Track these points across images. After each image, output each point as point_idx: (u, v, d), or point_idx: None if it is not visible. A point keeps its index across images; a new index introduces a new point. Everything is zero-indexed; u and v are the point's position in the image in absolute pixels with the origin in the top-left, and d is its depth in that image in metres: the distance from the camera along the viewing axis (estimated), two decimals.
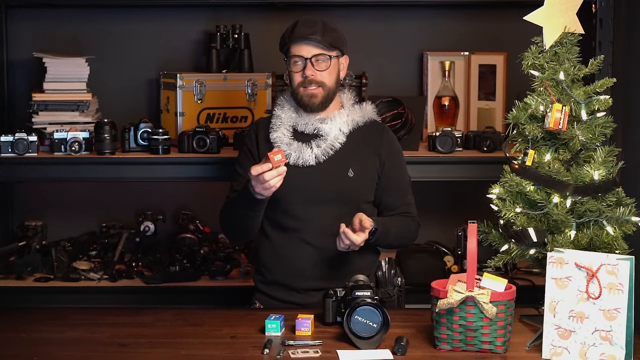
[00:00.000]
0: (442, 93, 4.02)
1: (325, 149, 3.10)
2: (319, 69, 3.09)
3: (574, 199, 2.67)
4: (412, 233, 3.20)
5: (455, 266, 3.92)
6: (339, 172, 3.10)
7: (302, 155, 3.09)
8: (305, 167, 3.09)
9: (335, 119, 3.13)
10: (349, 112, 3.16)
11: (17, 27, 4.15)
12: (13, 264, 3.92)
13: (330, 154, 3.10)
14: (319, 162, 3.09)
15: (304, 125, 3.14)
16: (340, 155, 3.10)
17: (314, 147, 3.10)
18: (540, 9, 2.74)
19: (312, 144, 3.11)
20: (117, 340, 2.68)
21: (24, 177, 3.82)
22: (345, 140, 3.12)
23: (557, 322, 2.52)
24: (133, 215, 4.20)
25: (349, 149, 3.12)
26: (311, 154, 3.09)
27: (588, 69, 2.75)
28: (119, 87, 4.17)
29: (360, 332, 2.58)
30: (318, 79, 3.09)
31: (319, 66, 3.09)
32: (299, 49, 3.09)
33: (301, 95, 3.11)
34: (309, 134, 3.13)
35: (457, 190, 4.14)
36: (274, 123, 3.17)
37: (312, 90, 3.09)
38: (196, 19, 4.18)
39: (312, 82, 3.09)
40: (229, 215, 3.15)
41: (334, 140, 3.11)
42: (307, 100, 3.11)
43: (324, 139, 3.11)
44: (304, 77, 3.09)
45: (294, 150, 3.10)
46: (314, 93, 3.10)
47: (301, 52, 3.09)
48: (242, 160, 3.20)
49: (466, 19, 4.15)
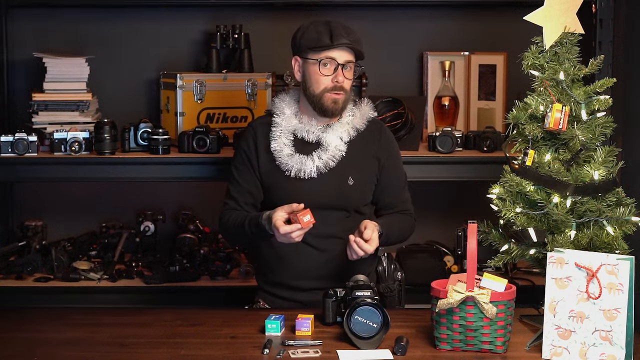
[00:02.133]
0: (442, 93, 4.02)
1: (326, 161, 3.09)
2: (347, 77, 3.08)
3: (574, 199, 2.67)
4: (410, 230, 3.23)
5: (455, 266, 3.92)
6: (339, 181, 3.11)
7: (303, 168, 3.08)
8: (307, 179, 3.09)
9: (336, 128, 3.12)
10: (349, 119, 3.14)
11: (17, 27, 4.15)
12: (13, 264, 3.92)
13: (332, 166, 3.09)
14: (320, 173, 3.09)
15: (305, 132, 3.12)
16: (341, 164, 3.10)
17: (316, 159, 3.09)
18: (540, 9, 2.74)
19: (314, 155, 3.09)
20: (117, 340, 2.68)
21: (24, 177, 3.82)
22: (345, 149, 3.11)
23: (557, 322, 2.52)
24: (133, 215, 4.20)
25: (349, 157, 3.11)
26: (313, 167, 3.08)
27: (588, 69, 2.75)
28: (119, 87, 4.17)
29: (360, 332, 2.58)
30: (345, 86, 3.08)
31: (348, 74, 3.09)
32: (336, 54, 3.05)
33: (325, 99, 3.07)
34: (310, 143, 3.12)
35: (457, 190, 4.14)
36: (274, 131, 3.14)
37: (337, 96, 3.07)
38: (196, 19, 4.18)
39: (341, 88, 3.07)
40: (236, 235, 3.14)
41: (335, 150, 3.10)
42: (332, 106, 3.08)
43: (324, 149, 3.10)
44: (334, 83, 3.06)
45: (296, 163, 3.08)
46: (338, 99, 3.08)
47: (337, 57, 3.05)
48: (240, 166, 3.18)
49: (466, 19, 4.15)
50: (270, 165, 3.12)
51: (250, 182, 3.16)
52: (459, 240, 3.90)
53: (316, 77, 3.07)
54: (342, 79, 3.06)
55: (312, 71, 3.08)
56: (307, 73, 3.10)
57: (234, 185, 3.17)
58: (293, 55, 3.15)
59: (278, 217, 2.89)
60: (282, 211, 2.90)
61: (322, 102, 3.08)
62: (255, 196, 3.16)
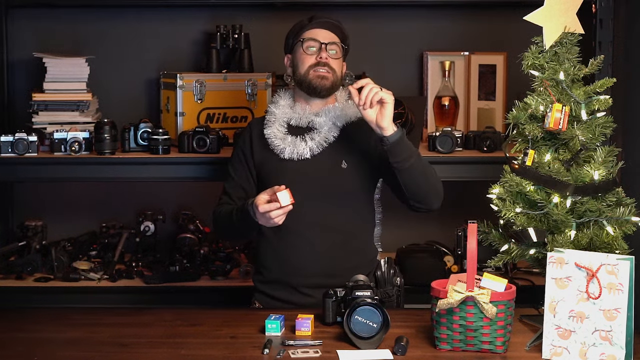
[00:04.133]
0: (442, 93, 4.02)
1: (319, 142, 3.12)
2: (332, 57, 3.14)
3: (574, 199, 2.67)
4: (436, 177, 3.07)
5: (455, 266, 3.92)
6: (333, 165, 3.12)
7: (296, 149, 3.11)
8: (300, 161, 3.11)
9: (329, 113, 3.15)
10: (343, 106, 3.18)
11: (17, 27, 4.15)
12: (13, 264, 3.92)
13: (324, 147, 3.12)
14: (313, 154, 3.11)
15: (298, 119, 3.17)
16: (334, 148, 3.13)
17: (308, 140, 3.12)
18: (540, 9, 2.74)
19: (306, 137, 3.13)
20: (117, 340, 2.68)
21: (24, 177, 3.82)
22: (338, 134, 3.14)
23: (557, 322, 2.52)
24: (133, 215, 4.20)
25: (343, 142, 3.14)
26: (305, 147, 3.11)
27: (588, 69, 2.75)
28: (119, 87, 4.17)
29: (360, 332, 2.58)
30: (331, 64, 3.13)
31: (334, 54, 3.15)
32: (317, 33, 3.14)
33: (311, 77, 3.12)
34: (302, 127, 3.16)
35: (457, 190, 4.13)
36: (268, 119, 3.19)
37: (323, 72, 3.12)
38: (196, 19, 4.18)
39: (325, 65, 3.12)
40: (225, 225, 3.16)
41: (328, 133, 3.13)
42: (318, 82, 3.12)
43: (317, 132, 3.14)
44: (317, 60, 3.12)
45: (289, 145, 3.12)
46: (325, 75, 3.12)
47: (318, 36, 3.14)
48: (235, 163, 3.23)
49: (466, 19, 4.15)
50: (265, 151, 3.16)
51: (243, 178, 3.20)
52: (459, 240, 3.90)
53: (301, 57, 3.15)
54: (325, 55, 3.12)
55: (297, 54, 3.17)
56: (295, 60, 3.19)
57: (229, 182, 3.22)
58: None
59: (260, 198, 2.91)
60: (264, 193, 2.92)
61: (309, 79, 3.13)
62: (247, 192, 3.18)
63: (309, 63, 3.13)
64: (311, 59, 3.13)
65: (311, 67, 3.12)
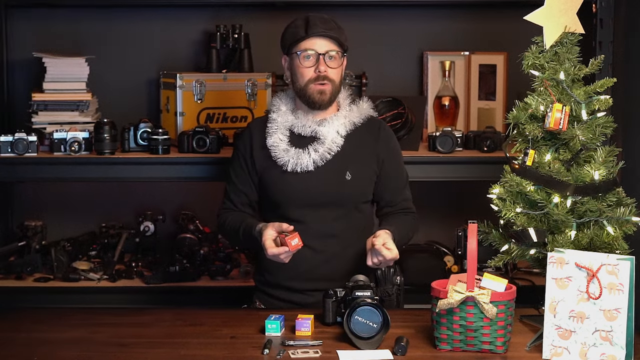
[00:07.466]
0: (442, 93, 4.02)
1: (322, 154, 3.07)
2: (331, 66, 3.07)
3: (574, 199, 2.67)
4: (413, 231, 3.19)
5: (455, 266, 3.92)
6: (337, 176, 3.09)
7: (299, 162, 3.07)
8: (304, 173, 3.08)
9: (332, 122, 3.10)
10: (346, 113, 3.14)
11: (17, 27, 4.15)
12: (13, 264, 3.92)
13: (328, 159, 3.08)
14: (317, 166, 3.08)
15: (301, 127, 3.11)
16: (338, 158, 3.09)
17: (312, 152, 3.07)
18: (541, 9, 2.74)
19: (310, 149, 3.08)
20: (117, 340, 2.68)
21: (24, 177, 3.82)
22: (342, 143, 3.10)
23: (557, 322, 2.52)
24: (133, 215, 4.20)
25: (347, 151, 3.10)
26: (309, 160, 3.07)
27: (588, 68, 2.74)
28: (119, 87, 4.17)
29: (360, 332, 2.58)
30: (330, 76, 3.07)
31: (332, 63, 3.07)
32: (314, 44, 3.06)
33: (311, 91, 3.06)
34: (306, 137, 3.11)
35: (457, 190, 4.14)
36: (270, 127, 3.13)
37: (322, 87, 3.06)
38: (196, 19, 4.18)
39: (325, 78, 3.06)
40: (231, 237, 3.20)
41: (332, 143, 3.08)
42: (318, 97, 3.07)
43: (321, 142, 3.09)
44: (317, 73, 3.06)
45: (292, 157, 3.07)
46: (324, 89, 3.06)
47: (315, 46, 3.06)
48: (236, 168, 3.19)
49: (466, 19, 4.15)
50: (267, 162, 3.12)
51: (244, 183, 3.16)
52: (459, 240, 3.89)
53: (300, 70, 3.08)
54: (324, 68, 3.05)
55: (295, 65, 3.09)
56: (292, 68, 3.12)
57: (231, 186, 3.19)
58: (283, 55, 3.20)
59: (267, 236, 2.88)
60: (272, 229, 2.89)
61: (308, 94, 3.07)
62: (250, 197, 3.17)
63: (307, 77, 3.06)
64: (309, 71, 3.06)
65: (310, 82, 3.06)
